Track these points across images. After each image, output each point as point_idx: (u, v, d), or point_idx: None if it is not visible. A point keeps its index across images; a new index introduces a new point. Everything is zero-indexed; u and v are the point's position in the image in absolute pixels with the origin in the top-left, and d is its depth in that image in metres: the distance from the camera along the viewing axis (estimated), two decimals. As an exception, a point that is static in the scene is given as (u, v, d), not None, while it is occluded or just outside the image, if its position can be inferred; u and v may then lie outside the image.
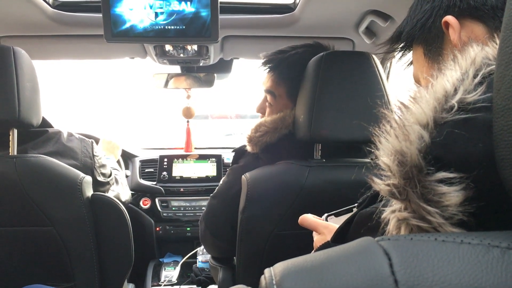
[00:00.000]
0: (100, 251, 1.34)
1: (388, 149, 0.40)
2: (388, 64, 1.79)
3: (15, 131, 1.27)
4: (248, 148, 1.32)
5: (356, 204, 0.68)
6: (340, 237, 0.62)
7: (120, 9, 1.28)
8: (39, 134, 1.38)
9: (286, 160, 1.23)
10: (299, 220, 0.95)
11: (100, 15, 1.32)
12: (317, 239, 0.89)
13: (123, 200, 1.70)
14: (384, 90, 1.16)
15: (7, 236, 1.25)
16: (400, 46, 0.71)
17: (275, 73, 1.35)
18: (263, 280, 0.32)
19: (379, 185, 0.41)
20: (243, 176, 1.25)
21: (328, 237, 0.85)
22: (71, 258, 1.29)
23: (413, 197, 0.38)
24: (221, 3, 1.34)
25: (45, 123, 1.41)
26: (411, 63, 0.73)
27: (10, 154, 1.27)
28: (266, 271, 0.33)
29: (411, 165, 0.38)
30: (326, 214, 0.93)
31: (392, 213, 0.40)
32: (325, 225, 0.89)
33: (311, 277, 0.30)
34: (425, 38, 0.65)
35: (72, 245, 1.28)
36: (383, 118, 0.43)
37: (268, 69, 1.36)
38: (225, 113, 5.36)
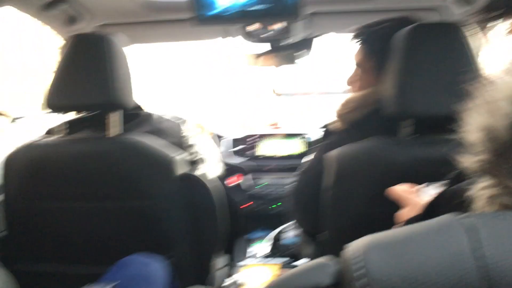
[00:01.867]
0: (192, 226, 1.41)
1: (477, 124, 0.39)
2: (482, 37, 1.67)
3: (113, 113, 1.37)
4: (337, 125, 1.31)
5: (447, 181, 0.66)
6: (427, 213, 0.61)
7: (207, -8, 1.32)
8: (132, 117, 1.47)
9: (375, 137, 1.21)
10: (387, 191, 0.94)
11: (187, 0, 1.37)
12: (400, 213, 0.88)
13: (210, 177, 1.77)
14: (473, 64, 1.10)
15: (109, 210, 1.35)
16: (499, 13, 0.66)
17: (366, 46, 1.33)
18: (347, 252, 0.33)
19: (468, 161, 0.40)
20: (331, 152, 1.25)
21: (411, 212, 0.83)
22: (166, 231, 1.37)
23: (502, 174, 0.36)
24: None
25: (137, 106, 1.50)
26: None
27: (109, 135, 1.37)
28: (349, 246, 0.34)
29: (501, 141, 0.36)
30: (425, 184, 0.91)
31: (481, 190, 0.39)
32: (405, 197, 0.87)
33: (394, 251, 0.30)
34: None
35: (167, 219, 1.36)
36: (472, 92, 0.41)
37: (360, 42, 1.34)
38: (310, 89, 5.32)
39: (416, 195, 0.88)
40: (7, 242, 1.42)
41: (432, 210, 0.60)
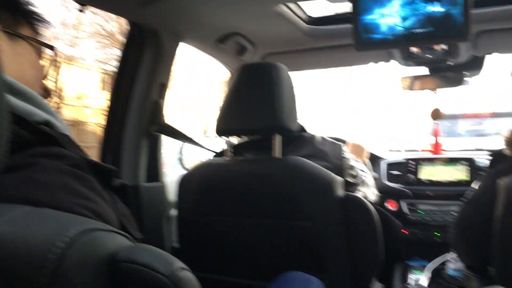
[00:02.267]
0: (351, 247, 1.41)
1: None
2: None
3: (278, 136, 1.45)
4: (507, 152, 1.22)
5: None
6: None
7: (369, 18, 1.34)
8: (296, 139, 1.55)
9: None
10: None
11: (349, 25, 1.41)
12: None
13: (370, 200, 1.76)
14: None
15: (270, 228, 1.43)
16: None
17: None
18: None
19: None
20: (500, 181, 1.16)
21: None
22: (325, 251, 1.40)
23: None
24: (473, -4, 1.27)
25: (301, 128, 1.57)
26: None
27: (273, 156, 1.46)
28: None
29: None
30: None
31: None
32: None
33: None
34: None
35: (325, 239, 1.39)
36: None
37: None
38: (478, 111, 4.88)
39: None
40: (178, 253, 1.59)
41: None
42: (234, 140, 1.69)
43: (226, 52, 1.94)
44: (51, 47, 0.87)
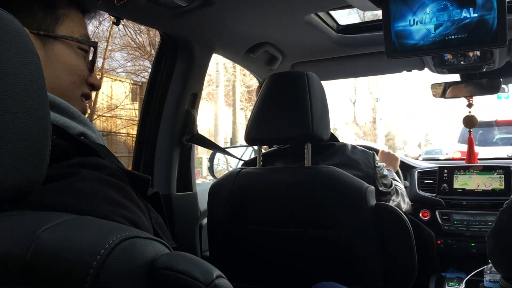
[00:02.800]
0: (384, 258, 1.39)
1: None
2: None
3: (309, 145, 1.45)
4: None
5: None
6: None
7: (401, 26, 1.32)
8: (327, 147, 1.54)
9: None
10: None
11: (380, 33, 1.40)
12: None
13: (403, 210, 1.73)
14: None
15: (302, 236, 1.42)
16: None
17: None
18: None
19: None
20: None
21: None
22: (357, 261, 1.39)
23: None
24: (508, 2, 1.25)
25: (332, 137, 1.57)
26: None
27: (305, 165, 1.45)
28: None
29: None
30: None
31: None
32: None
33: None
34: None
35: (357, 249, 1.38)
36: None
37: None
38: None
39: None
40: (210, 262, 1.59)
41: None
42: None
43: (256, 62, 1.96)
44: (94, 43, 0.84)
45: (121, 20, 1.45)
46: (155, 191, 0.78)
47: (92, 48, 0.84)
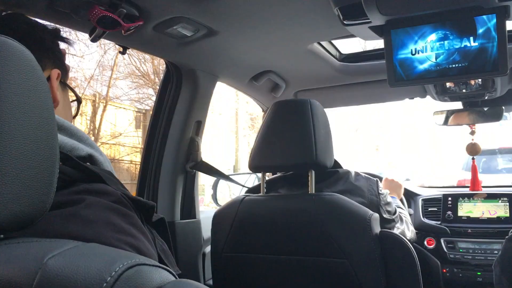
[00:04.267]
0: (389, 286, 1.38)
1: None
2: None
3: (313, 172, 1.45)
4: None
5: None
6: None
7: (402, 54, 1.35)
8: (331, 174, 1.54)
9: None
10: None
11: (382, 61, 1.42)
12: None
13: (408, 237, 1.72)
14: None
15: (306, 265, 1.41)
16: None
17: None
18: None
19: None
20: None
21: None
22: None
23: None
24: (509, 31, 1.27)
25: (336, 164, 1.57)
26: None
27: (309, 192, 1.45)
28: None
29: None
30: None
31: None
32: None
33: None
34: None
35: (362, 278, 1.36)
36: None
37: None
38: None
39: None
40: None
41: None
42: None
43: (260, 90, 1.98)
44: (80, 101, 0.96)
45: (128, 49, 1.48)
46: (161, 217, 0.79)
47: None
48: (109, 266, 0.47)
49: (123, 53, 1.48)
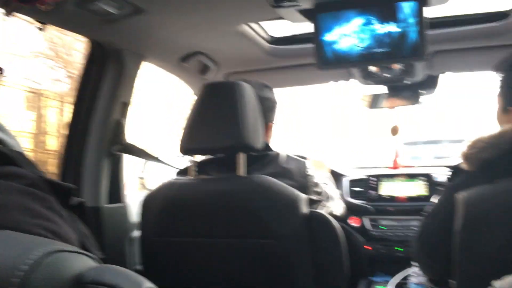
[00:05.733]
0: (317, 266, 1.42)
1: None
2: None
3: (242, 154, 1.45)
4: (464, 166, 1.26)
5: None
6: None
7: (330, 38, 1.38)
8: (261, 157, 1.55)
9: (508, 178, 1.14)
10: None
11: (310, 45, 1.44)
12: None
13: (337, 213, 1.78)
14: None
15: (235, 247, 1.42)
16: None
17: (500, 82, 1.29)
18: None
19: None
20: (458, 195, 1.20)
21: None
22: (290, 270, 1.40)
23: None
24: (428, 18, 1.33)
25: (266, 147, 1.58)
26: None
27: (238, 174, 1.45)
28: (496, 284, 0.34)
29: None
30: None
31: None
32: None
33: None
34: None
35: (291, 258, 1.39)
36: None
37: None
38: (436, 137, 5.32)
39: None
40: (142, 275, 1.55)
41: None
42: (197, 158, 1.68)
43: (189, 71, 1.95)
44: None
45: (47, 26, 1.39)
46: (80, 200, 0.75)
47: None
48: (25, 254, 0.44)
49: (41, 29, 1.39)
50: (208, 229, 1.43)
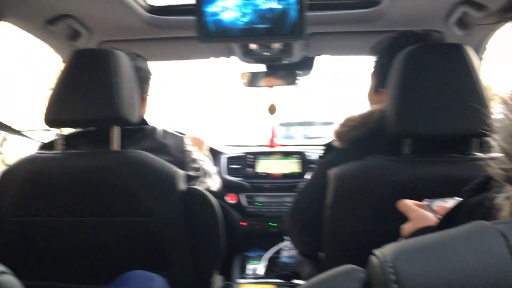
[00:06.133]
0: (194, 242, 1.40)
1: (506, 132, 0.40)
2: (482, 55, 1.71)
3: (116, 128, 1.36)
4: (336, 143, 1.32)
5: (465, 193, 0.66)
6: (445, 225, 0.61)
7: (212, 10, 1.33)
8: (137, 132, 1.47)
9: (374, 156, 1.21)
10: (397, 203, 0.94)
11: (192, 17, 1.38)
12: (405, 226, 0.88)
13: (214, 189, 1.77)
14: (478, 83, 1.12)
15: (109, 225, 1.34)
16: None
17: (374, 64, 1.36)
18: (375, 259, 0.33)
19: (494, 168, 0.41)
20: (330, 171, 1.25)
21: (416, 224, 0.84)
22: (167, 247, 1.36)
23: None
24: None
25: (142, 121, 1.50)
26: None
27: (112, 149, 1.36)
28: (377, 251, 0.33)
29: None
30: (427, 200, 0.91)
31: (507, 199, 0.39)
32: (414, 210, 0.88)
33: (426, 256, 0.30)
34: None
35: (168, 235, 1.35)
36: (497, 103, 0.42)
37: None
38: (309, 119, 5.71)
39: (423, 209, 0.88)
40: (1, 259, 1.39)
41: (448, 222, 0.60)
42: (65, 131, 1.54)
43: (57, 36, 1.76)
44: None
45: None
46: None
47: None
48: None
49: None
50: (76, 207, 1.33)
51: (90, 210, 1.33)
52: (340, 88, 10.82)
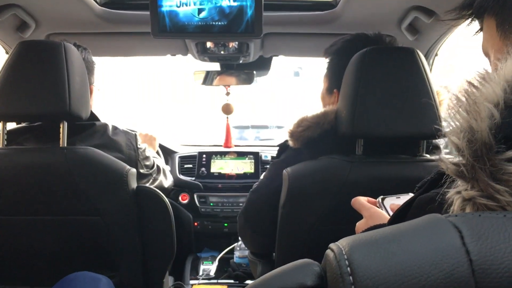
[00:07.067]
0: (144, 242, 1.37)
1: (458, 127, 0.41)
2: (431, 60, 1.77)
3: (65, 123, 1.31)
4: (290, 143, 1.32)
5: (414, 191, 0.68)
6: (398, 221, 0.62)
7: (167, 6, 1.31)
8: (87, 127, 1.42)
9: (328, 156, 1.23)
10: (351, 201, 0.94)
11: (146, 12, 1.35)
12: (359, 223, 0.89)
13: (166, 186, 1.74)
14: (429, 87, 1.15)
15: (55, 225, 1.29)
16: (469, 13, 0.68)
17: (327, 66, 1.37)
18: (330, 253, 0.33)
19: (447, 164, 0.42)
20: (284, 170, 1.25)
21: (370, 222, 0.85)
22: (116, 248, 1.32)
23: (481, 175, 0.38)
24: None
25: (92, 117, 1.46)
26: (480, 31, 0.69)
27: (60, 145, 1.31)
28: (333, 245, 0.33)
29: (481, 143, 0.38)
30: (381, 197, 0.92)
31: (457, 194, 0.40)
32: (368, 207, 0.89)
33: (381, 248, 0.30)
34: (499, 10, 0.61)
35: (117, 235, 1.32)
36: (453, 98, 0.43)
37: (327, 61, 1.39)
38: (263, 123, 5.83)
39: (377, 207, 0.89)
40: None
41: (400, 217, 0.61)
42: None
43: (3, 27, 1.68)
44: None
45: None
46: None
47: None
48: None
49: None
50: (23, 206, 1.28)
51: (35, 209, 1.27)
52: (301, 83, 10.83)
